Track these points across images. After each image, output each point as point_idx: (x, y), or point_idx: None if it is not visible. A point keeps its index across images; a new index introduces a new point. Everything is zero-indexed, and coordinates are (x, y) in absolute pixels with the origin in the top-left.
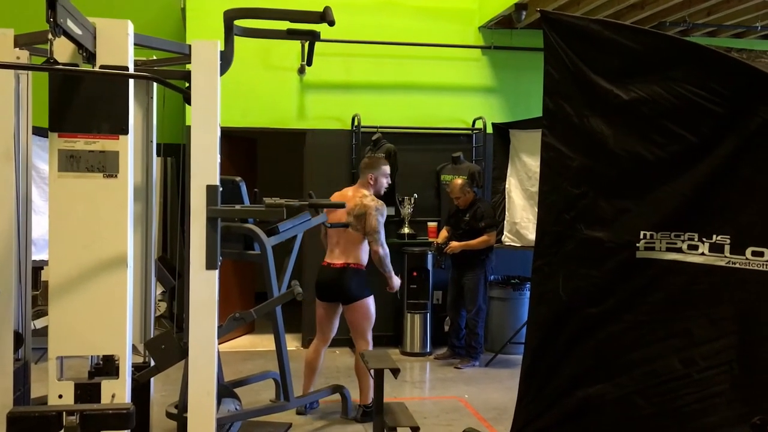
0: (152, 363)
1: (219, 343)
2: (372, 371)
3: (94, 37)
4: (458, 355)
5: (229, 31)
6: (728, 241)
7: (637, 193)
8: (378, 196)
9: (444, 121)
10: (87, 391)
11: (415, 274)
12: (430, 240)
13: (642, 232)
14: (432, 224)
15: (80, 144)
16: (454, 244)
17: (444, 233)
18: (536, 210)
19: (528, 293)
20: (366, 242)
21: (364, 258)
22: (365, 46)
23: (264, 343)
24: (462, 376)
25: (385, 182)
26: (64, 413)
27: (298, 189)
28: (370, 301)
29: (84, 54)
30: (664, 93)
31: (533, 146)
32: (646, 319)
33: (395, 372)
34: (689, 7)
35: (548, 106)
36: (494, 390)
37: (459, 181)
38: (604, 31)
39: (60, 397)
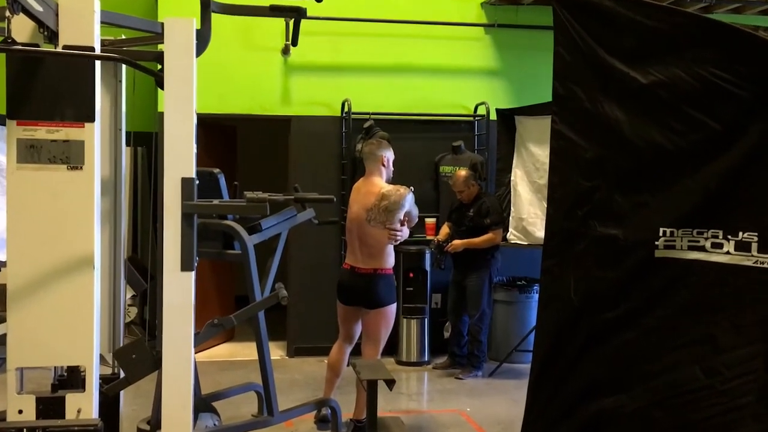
0: (122, 374)
1: (195, 352)
2: (364, 383)
3: (57, 15)
4: (459, 364)
5: (206, 8)
6: (755, 238)
7: (656, 185)
8: (387, 182)
9: (443, 107)
10: (50, 406)
11: (411, 275)
12: (429, 238)
13: (661, 229)
14: (430, 220)
15: (41, 133)
16: (456, 242)
17: (445, 230)
18: (545, 205)
19: (536, 296)
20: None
21: (392, 260)
22: (356, 24)
23: (245, 351)
24: (464, 387)
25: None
26: (24, 430)
27: (283, 182)
28: (394, 308)
29: (45, 33)
30: (684, 76)
31: (541, 134)
32: (665, 325)
33: (390, 383)
34: None
35: (558, 90)
36: (499, 402)
37: (463, 172)
38: (620, 8)
39: (20, 412)
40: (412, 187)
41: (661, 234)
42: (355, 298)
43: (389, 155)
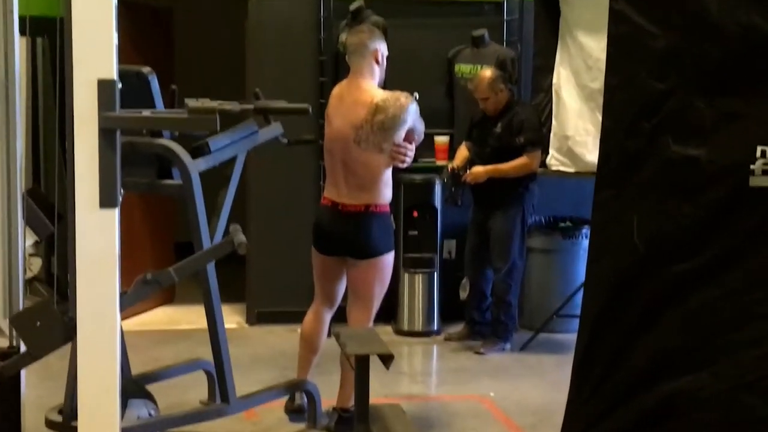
0: (23, 348)
1: (123, 319)
2: (352, 359)
3: None
4: (480, 334)
5: None
6: None
7: (754, 89)
8: (379, 85)
9: None
10: None
11: (415, 214)
12: (440, 163)
13: (759, 148)
14: (441, 139)
15: None
16: (477, 169)
17: (463, 153)
18: (599, 117)
19: (585, 243)
20: (389, 169)
21: (389, 194)
22: None
23: (189, 318)
24: (486, 365)
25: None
26: None
27: (238, 86)
28: (392, 259)
29: None
30: None
31: (595, 19)
32: (760, 279)
33: (387, 360)
34: None
35: None
36: (533, 385)
37: (487, 73)
38: None
39: None
40: (416, 94)
41: (759, 155)
42: (340, 245)
43: (384, 49)
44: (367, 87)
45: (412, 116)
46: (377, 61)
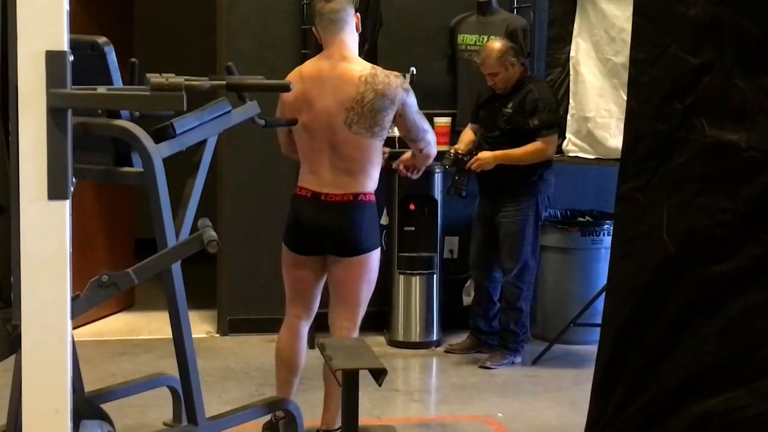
0: None
1: (75, 327)
2: (339, 375)
3: None
4: (487, 345)
5: None
6: None
7: None
8: None
9: None
10: None
11: (412, 207)
12: (440, 149)
13: None
14: (443, 121)
15: None
16: (484, 154)
17: (468, 136)
18: (623, 96)
19: (607, 240)
20: (379, 153)
21: (376, 180)
22: None
23: (152, 326)
24: (493, 381)
25: None
26: None
27: (208, 59)
28: (379, 255)
29: None
30: None
31: None
32: None
33: (379, 375)
34: None
35: None
36: (547, 405)
37: (496, 45)
38: None
39: None
40: (413, 69)
41: None
42: (323, 242)
43: (356, 12)
44: (353, 60)
45: (403, 96)
46: (358, 29)
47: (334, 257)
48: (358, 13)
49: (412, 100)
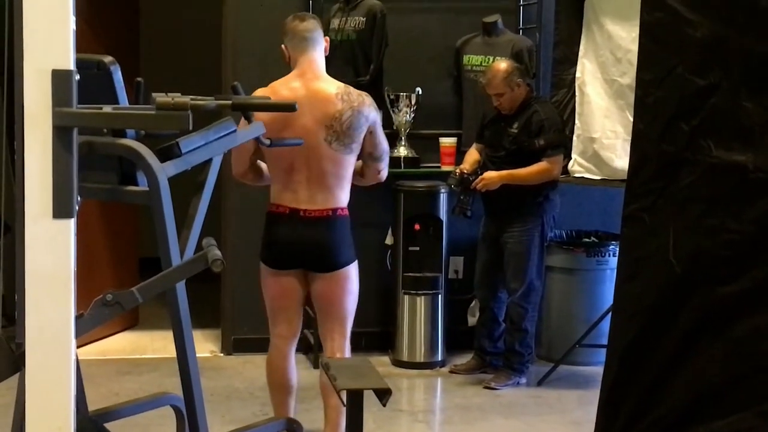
0: None
1: (79, 346)
2: (343, 394)
3: None
4: (492, 366)
5: None
6: None
7: None
8: None
9: None
10: None
11: (417, 227)
12: (446, 169)
13: None
14: (448, 141)
15: None
16: (489, 174)
17: (473, 156)
18: (629, 117)
19: (613, 261)
20: (352, 168)
21: (348, 195)
22: None
23: (156, 345)
24: (498, 401)
25: None
26: None
27: (214, 79)
28: (357, 266)
29: None
30: None
31: (626, 4)
32: None
33: (383, 395)
34: None
35: None
36: (552, 425)
37: (502, 66)
38: None
39: None
40: (418, 90)
41: None
42: (302, 257)
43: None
44: (326, 78)
45: (375, 115)
46: (326, 51)
47: (316, 273)
48: (327, 37)
49: (380, 119)
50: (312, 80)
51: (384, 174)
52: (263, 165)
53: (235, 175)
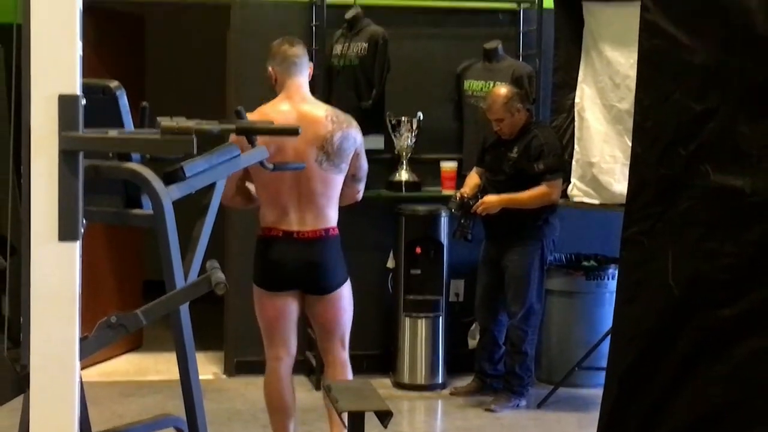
0: None
1: (83, 368)
2: (345, 416)
3: None
4: (492, 388)
5: None
6: None
7: None
8: None
9: None
10: None
11: (418, 250)
12: (446, 193)
13: None
14: (449, 165)
15: None
16: (490, 198)
17: (473, 180)
18: (628, 142)
19: (612, 284)
20: (340, 188)
21: (337, 214)
22: None
23: (159, 367)
24: (498, 424)
25: None
26: None
27: (218, 103)
28: (350, 284)
29: None
30: None
31: (624, 30)
32: None
33: (385, 417)
34: None
35: None
36: None
37: (502, 91)
38: None
39: None
40: (419, 114)
41: None
42: (298, 278)
43: None
44: (313, 101)
45: (361, 138)
46: (309, 77)
47: (313, 296)
48: (311, 62)
49: (363, 141)
50: (300, 103)
51: (361, 195)
52: (251, 187)
53: (221, 199)
